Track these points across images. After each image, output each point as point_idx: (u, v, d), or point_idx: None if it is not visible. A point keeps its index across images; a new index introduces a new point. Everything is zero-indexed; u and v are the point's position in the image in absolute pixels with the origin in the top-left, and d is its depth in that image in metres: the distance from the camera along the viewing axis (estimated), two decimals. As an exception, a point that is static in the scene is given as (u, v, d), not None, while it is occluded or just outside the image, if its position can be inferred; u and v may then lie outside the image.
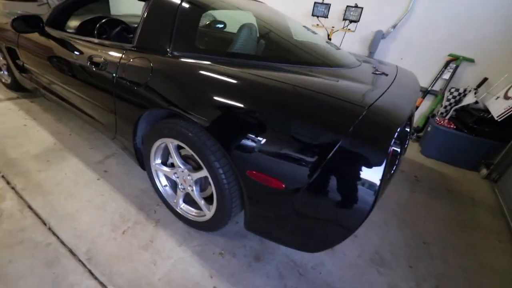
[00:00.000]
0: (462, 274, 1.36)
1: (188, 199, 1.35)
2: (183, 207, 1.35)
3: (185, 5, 1.22)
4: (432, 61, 2.71)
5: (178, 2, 1.21)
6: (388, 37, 2.82)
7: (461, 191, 2.11)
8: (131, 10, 3.09)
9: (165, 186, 1.41)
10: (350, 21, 2.85)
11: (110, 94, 1.33)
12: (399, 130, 0.80)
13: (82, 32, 1.86)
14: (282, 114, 0.90)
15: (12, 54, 2.17)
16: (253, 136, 0.91)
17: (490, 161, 2.35)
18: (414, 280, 1.28)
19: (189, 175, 1.22)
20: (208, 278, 1.15)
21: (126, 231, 1.31)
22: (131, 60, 1.24)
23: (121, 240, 1.26)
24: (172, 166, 1.33)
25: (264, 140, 0.89)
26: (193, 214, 1.32)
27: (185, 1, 1.22)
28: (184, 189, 1.30)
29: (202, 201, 1.25)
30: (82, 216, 1.36)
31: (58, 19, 1.82)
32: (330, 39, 3.02)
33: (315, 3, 2.94)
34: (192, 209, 1.34)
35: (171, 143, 1.20)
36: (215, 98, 0.98)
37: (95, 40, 1.51)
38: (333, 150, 0.80)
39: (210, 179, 1.10)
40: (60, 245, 1.20)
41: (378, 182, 0.78)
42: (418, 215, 1.74)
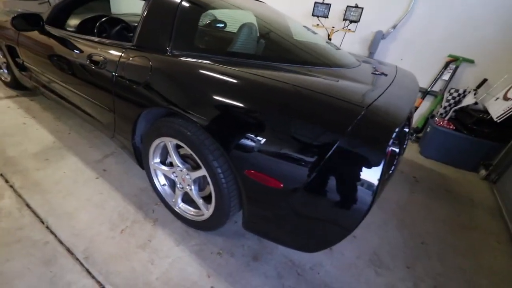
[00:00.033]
0: (461, 275, 1.36)
1: (186, 199, 1.35)
2: (182, 207, 1.35)
3: (185, 4, 1.21)
4: (432, 61, 2.71)
5: (178, 1, 1.21)
6: (388, 37, 2.82)
7: (460, 192, 2.11)
8: (132, 9, 3.09)
9: (163, 185, 1.41)
10: (350, 21, 2.85)
11: (109, 93, 1.33)
12: (398, 130, 0.80)
13: (82, 30, 1.86)
14: (281, 113, 0.90)
15: (12, 52, 2.17)
16: (251, 135, 0.91)
17: (489, 162, 2.35)
18: (411, 280, 1.28)
19: (187, 174, 1.22)
20: (205, 278, 1.15)
21: (124, 230, 1.31)
22: (131, 58, 1.24)
23: (119, 239, 1.26)
24: (171, 165, 1.33)
25: (262, 139, 0.89)
26: (191, 213, 1.32)
27: (185, 0, 1.22)
28: (182, 188, 1.29)
29: (201, 200, 1.25)
30: (80, 214, 1.36)
31: (58, 18, 1.82)
32: (330, 39, 3.02)
33: (316, 3, 2.93)
34: (190, 208, 1.34)
35: (170, 142, 1.20)
36: (214, 97, 0.98)
37: (95, 38, 1.51)
38: (331, 149, 0.80)
39: (208, 178, 1.10)
40: (57, 243, 1.20)
41: (376, 182, 0.78)
42: (417, 216, 1.74)
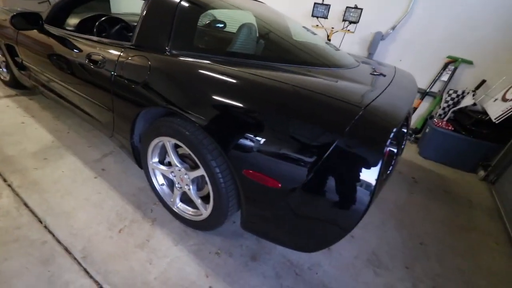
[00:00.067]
0: (459, 276, 1.36)
1: (185, 198, 1.35)
2: (180, 206, 1.35)
3: (184, 3, 1.22)
4: (430, 62, 2.71)
5: (177, 0, 1.21)
6: (387, 38, 2.82)
7: (459, 193, 2.11)
8: (132, 8, 3.09)
9: (162, 185, 1.41)
10: (350, 22, 2.86)
11: (108, 92, 1.33)
12: (395, 130, 0.80)
13: (81, 30, 1.87)
14: (279, 113, 0.90)
15: (11, 51, 2.17)
16: (249, 135, 0.91)
17: (488, 163, 2.35)
18: (410, 281, 1.28)
19: (186, 174, 1.22)
20: (204, 278, 1.15)
21: (122, 230, 1.31)
22: (130, 58, 1.24)
23: (117, 238, 1.26)
24: (169, 165, 1.33)
25: (260, 139, 0.89)
26: (190, 213, 1.32)
27: (184, 0, 1.22)
28: (181, 188, 1.29)
29: (199, 200, 1.25)
30: (78, 214, 1.36)
31: (57, 17, 1.82)
32: (330, 40, 3.02)
33: (315, 4, 2.94)
34: (189, 208, 1.34)
35: (168, 142, 1.20)
36: (213, 97, 0.98)
37: (94, 38, 1.51)
38: (329, 149, 0.80)
39: (206, 178, 1.10)
40: (55, 243, 1.20)
41: (373, 182, 0.78)
42: (416, 216, 1.74)
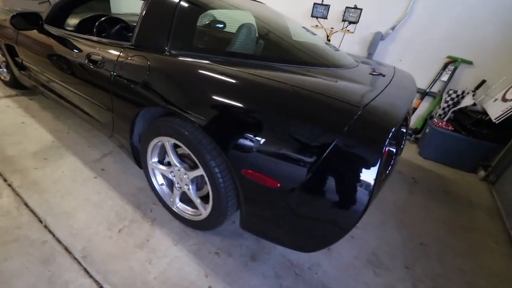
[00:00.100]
0: (460, 276, 1.36)
1: (184, 198, 1.35)
2: (180, 206, 1.35)
3: (183, 4, 1.22)
4: (430, 62, 2.71)
5: (177, 0, 1.21)
6: (387, 38, 2.82)
7: (459, 193, 2.11)
8: (132, 8, 3.09)
9: (161, 184, 1.41)
10: (349, 22, 2.86)
11: (108, 92, 1.33)
12: (394, 130, 0.80)
13: (81, 30, 1.87)
14: (278, 113, 0.90)
15: (11, 51, 2.17)
16: (248, 135, 0.91)
17: (488, 163, 2.35)
18: (410, 281, 1.28)
19: (185, 174, 1.22)
20: (203, 277, 1.15)
21: (122, 230, 1.31)
22: (129, 58, 1.24)
23: (117, 238, 1.26)
24: (168, 164, 1.33)
25: (259, 139, 0.89)
26: (189, 213, 1.32)
27: (183, 0, 1.22)
28: (180, 188, 1.29)
29: (198, 200, 1.25)
30: (78, 214, 1.36)
31: (57, 17, 1.82)
32: (329, 40, 3.02)
33: (315, 4, 2.94)
34: (188, 208, 1.34)
35: (168, 142, 1.20)
36: (212, 97, 0.98)
37: (94, 38, 1.51)
38: (328, 149, 0.80)
39: (206, 178, 1.10)
40: (55, 243, 1.20)
41: (372, 182, 0.78)
42: (416, 216, 1.74)
